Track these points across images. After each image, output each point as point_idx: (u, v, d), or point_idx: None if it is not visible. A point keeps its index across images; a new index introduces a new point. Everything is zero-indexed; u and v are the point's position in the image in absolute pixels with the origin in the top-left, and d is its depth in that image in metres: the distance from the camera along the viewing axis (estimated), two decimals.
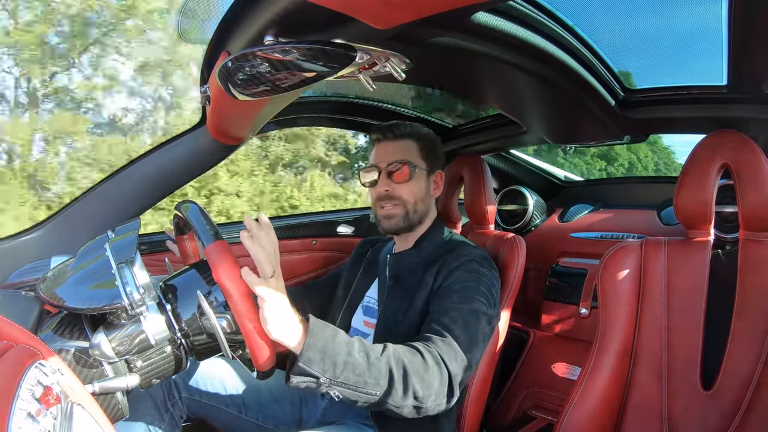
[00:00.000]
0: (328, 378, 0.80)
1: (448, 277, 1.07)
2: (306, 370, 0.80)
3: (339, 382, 0.81)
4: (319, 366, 0.80)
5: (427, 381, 0.87)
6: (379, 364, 0.84)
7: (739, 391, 0.94)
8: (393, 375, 0.84)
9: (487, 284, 1.07)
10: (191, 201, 0.95)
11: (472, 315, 1.00)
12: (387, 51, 0.77)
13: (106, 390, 0.79)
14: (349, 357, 0.82)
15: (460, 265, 1.09)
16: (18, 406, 0.48)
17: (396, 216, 1.19)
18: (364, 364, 0.83)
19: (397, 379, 0.84)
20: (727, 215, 1.08)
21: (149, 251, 1.51)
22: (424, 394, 0.86)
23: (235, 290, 0.79)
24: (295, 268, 1.79)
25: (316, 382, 0.81)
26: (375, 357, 0.84)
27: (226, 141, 1.26)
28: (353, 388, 0.82)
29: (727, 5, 0.80)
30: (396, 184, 1.19)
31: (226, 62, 0.74)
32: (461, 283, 1.05)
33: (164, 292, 0.90)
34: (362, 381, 0.82)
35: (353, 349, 0.83)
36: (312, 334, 0.81)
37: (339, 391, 0.82)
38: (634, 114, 1.23)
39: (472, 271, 1.08)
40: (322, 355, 0.80)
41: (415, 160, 1.20)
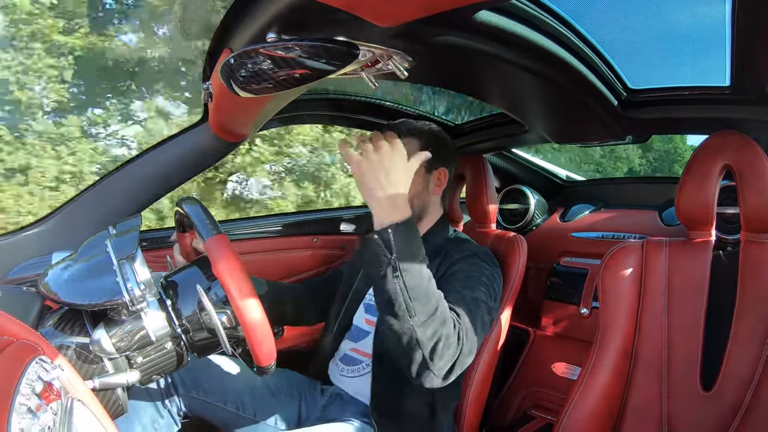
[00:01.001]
0: (397, 261, 0.82)
1: (450, 267, 1.08)
2: (390, 240, 0.82)
3: (402, 275, 0.82)
4: (401, 246, 0.83)
5: (449, 342, 0.87)
6: (433, 294, 0.86)
7: (739, 392, 0.94)
8: (436, 313, 0.85)
9: (489, 277, 1.08)
10: (192, 197, 0.95)
11: (473, 302, 1.00)
12: (389, 49, 0.77)
13: (106, 386, 0.80)
14: (421, 265, 0.85)
15: (462, 257, 1.10)
16: (18, 402, 0.48)
17: None
18: (427, 282, 0.85)
19: (435, 320, 0.85)
20: (728, 216, 1.08)
21: (150, 247, 1.51)
22: (440, 353, 0.86)
23: (234, 284, 0.79)
24: (297, 265, 1.79)
25: (387, 257, 0.83)
26: (434, 287, 0.87)
27: (228, 138, 1.26)
28: (406, 291, 0.83)
29: (730, 5, 0.80)
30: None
31: (228, 59, 0.74)
32: (463, 273, 1.06)
33: (165, 289, 0.90)
34: (415, 292, 0.83)
35: (425, 264, 0.86)
36: (410, 223, 0.86)
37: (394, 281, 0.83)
38: (637, 114, 1.22)
39: (474, 264, 1.09)
40: (408, 241, 0.84)
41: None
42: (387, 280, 0.84)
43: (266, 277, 1.37)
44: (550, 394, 1.56)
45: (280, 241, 1.79)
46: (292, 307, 1.34)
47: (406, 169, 0.89)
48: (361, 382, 1.18)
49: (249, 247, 1.70)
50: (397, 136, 1.22)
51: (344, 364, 1.23)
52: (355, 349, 1.23)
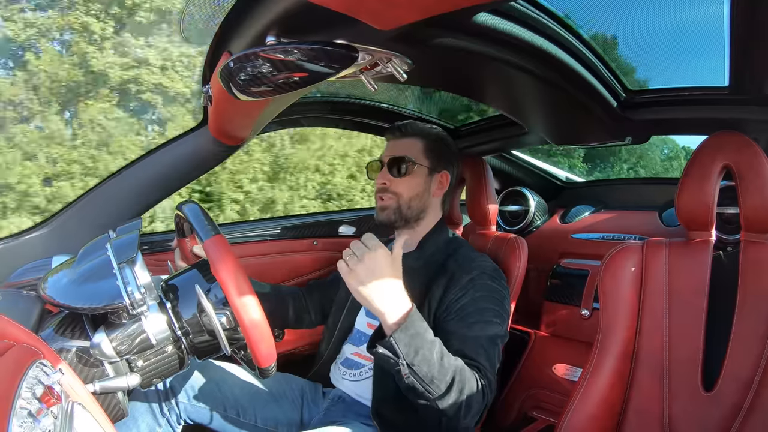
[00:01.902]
0: (407, 362, 0.86)
1: (462, 296, 1.07)
2: (393, 346, 0.86)
3: (413, 370, 0.86)
4: (404, 348, 0.86)
5: (472, 401, 0.92)
6: (447, 370, 0.89)
7: (740, 393, 0.93)
8: (453, 384, 0.89)
9: (499, 299, 1.09)
10: (191, 201, 0.95)
11: (489, 342, 1.02)
12: (389, 52, 0.78)
13: (106, 389, 0.79)
14: (429, 352, 0.88)
15: (471, 280, 1.09)
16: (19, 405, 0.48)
17: (388, 208, 1.22)
18: (437, 365, 0.88)
19: (454, 390, 0.89)
20: (728, 217, 1.08)
21: (150, 251, 1.51)
22: (465, 412, 0.91)
23: (232, 284, 0.79)
24: (297, 268, 1.79)
25: (395, 360, 0.86)
26: (447, 362, 0.90)
27: (227, 141, 1.27)
28: (420, 379, 0.87)
29: (728, 6, 0.80)
30: (394, 178, 1.21)
31: (227, 62, 0.74)
32: (476, 304, 1.06)
33: (165, 292, 0.90)
34: (429, 377, 0.87)
35: (434, 348, 0.89)
36: (411, 320, 0.88)
37: (407, 376, 0.87)
38: (636, 115, 1.23)
39: (484, 287, 1.09)
40: (410, 341, 0.87)
41: (417, 157, 1.22)
42: (402, 377, 0.87)
43: (267, 279, 1.37)
44: (551, 395, 1.56)
45: (280, 244, 1.79)
46: (292, 310, 1.34)
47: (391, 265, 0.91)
48: (363, 385, 1.18)
49: (250, 250, 1.70)
50: (400, 136, 1.24)
51: (346, 367, 1.23)
52: (356, 353, 1.22)
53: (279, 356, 0.87)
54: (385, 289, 0.89)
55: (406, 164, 1.20)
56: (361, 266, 0.89)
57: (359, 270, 0.89)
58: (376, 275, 0.88)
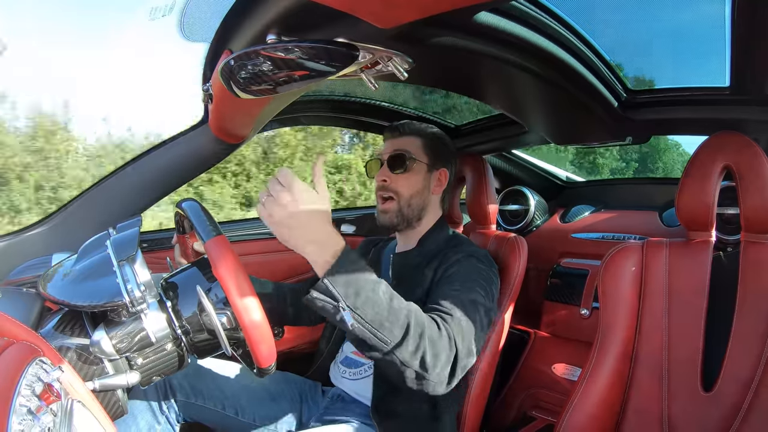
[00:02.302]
0: (348, 305, 0.78)
1: (448, 269, 1.08)
2: (329, 289, 0.78)
3: (357, 314, 0.78)
4: (342, 289, 0.78)
5: (437, 349, 0.84)
6: (399, 313, 0.82)
7: (740, 393, 0.93)
8: (409, 329, 0.81)
9: (486, 278, 1.08)
10: (191, 198, 0.95)
11: (470, 304, 0.98)
12: (389, 50, 0.77)
13: (106, 387, 0.79)
14: (373, 293, 0.80)
15: (459, 259, 1.10)
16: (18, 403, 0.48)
17: (390, 211, 1.22)
18: (386, 306, 0.81)
19: (411, 335, 0.81)
20: (728, 217, 1.08)
21: (150, 249, 1.51)
22: (432, 362, 0.83)
23: (234, 285, 0.79)
24: (297, 266, 1.78)
25: (334, 305, 0.79)
26: (397, 304, 0.83)
27: (228, 139, 1.26)
28: (369, 325, 0.79)
29: (730, 7, 0.80)
30: (393, 175, 1.22)
31: (228, 60, 0.74)
32: (460, 275, 1.06)
33: (165, 290, 0.90)
34: (378, 322, 0.80)
35: (379, 288, 0.82)
36: (344, 258, 0.80)
37: (353, 324, 0.79)
38: (637, 115, 1.23)
39: (471, 265, 1.09)
40: (347, 280, 0.79)
41: (416, 154, 1.23)
42: (345, 323, 0.80)
43: (266, 277, 1.37)
44: (551, 395, 1.56)
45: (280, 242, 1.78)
46: (292, 307, 1.34)
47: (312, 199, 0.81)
48: (362, 384, 1.18)
49: (249, 248, 1.70)
50: (399, 135, 1.23)
51: (345, 366, 1.23)
52: (356, 352, 1.22)
53: (278, 355, 0.87)
54: (309, 228, 0.80)
55: (406, 160, 1.21)
56: (278, 208, 0.79)
57: (276, 212, 0.79)
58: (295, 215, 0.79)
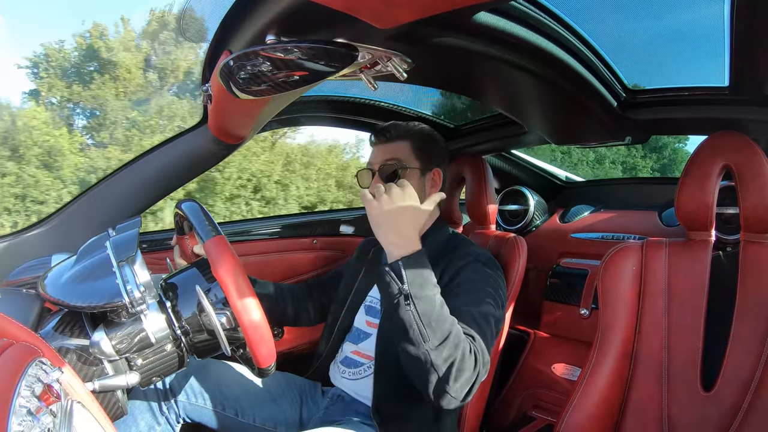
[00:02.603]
0: (411, 292, 0.85)
1: (455, 276, 1.07)
2: (401, 270, 0.85)
3: (413, 302, 0.85)
4: (411, 276, 0.86)
5: (464, 365, 0.87)
6: (445, 320, 0.87)
7: (739, 393, 0.94)
8: (449, 337, 0.86)
9: (494, 285, 1.07)
10: (191, 199, 0.95)
11: (483, 318, 0.99)
12: (388, 51, 0.77)
13: (106, 388, 0.79)
14: (432, 293, 0.87)
15: (465, 264, 1.08)
16: (18, 404, 0.48)
17: None
18: (438, 309, 0.87)
19: (449, 343, 0.86)
20: (728, 217, 1.08)
21: (150, 249, 1.51)
22: (455, 375, 0.86)
23: (233, 285, 0.79)
24: (297, 267, 1.79)
25: (398, 286, 0.85)
26: (446, 312, 0.88)
27: (227, 140, 1.26)
28: (419, 317, 0.85)
29: (729, 6, 0.80)
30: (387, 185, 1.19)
31: (227, 61, 0.74)
32: (470, 284, 1.05)
33: (165, 291, 0.90)
34: (427, 318, 0.85)
35: (438, 292, 0.89)
36: (420, 257, 0.88)
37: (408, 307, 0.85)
38: (636, 115, 1.23)
39: (479, 271, 1.08)
40: (418, 273, 0.86)
41: (408, 160, 1.19)
42: (400, 308, 0.86)
43: (266, 278, 1.37)
44: (550, 395, 1.56)
45: (279, 243, 1.79)
46: (291, 308, 1.34)
47: (415, 210, 0.91)
48: (362, 384, 1.18)
49: (249, 249, 1.70)
50: (386, 141, 1.22)
51: (345, 366, 1.23)
52: (356, 352, 1.22)
53: (278, 355, 0.87)
54: (402, 224, 0.89)
55: (398, 169, 1.18)
56: (385, 197, 0.90)
57: (383, 201, 0.90)
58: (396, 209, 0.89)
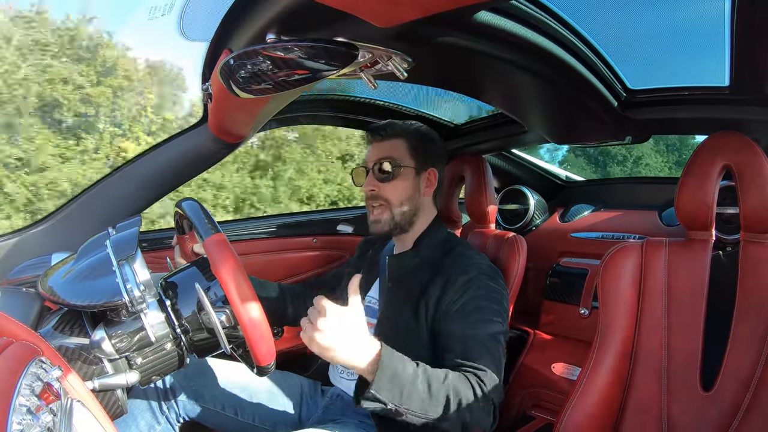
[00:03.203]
0: (395, 405, 0.86)
1: (461, 295, 1.06)
2: (376, 397, 0.86)
3: (404, 408, 0.87)
4: (387, 394, 0.86)
5: (476, 409, 0.93)
6: (438, 395, 0.89)
7: (739, 393, 0.94)
8: (449, 403, 0.90)
9: (498, 299, 1.08)
10: (191, 198, 0.95)
11: (491, 340, 1.01)
12: (389, 50, 0.77)
13: (105, 387, 0.80)
14: (413, 387, 0.88)
15: (469, 281, 1.07)
16: (18, 402, 0.48)
17: (381, 221, 1.19)
18: (426, 394, 0.89)
19: (452, 408, 0.90)
20: (728, 217, 1.08)
21: (150, 248, 1.51)
22: (472, 420, 0.93)
23: (233, 283, 0.79)
24: (296, 266, 1.79)
25: (383, 407, 0.87)
26: (436, 387, 0.90)
27: (227, 139, 1.26)
28: (414, 413, 0.88)
29: (729, 6, 0.80)
30: (381, 184, 1.19)
31: (227, 60, 0.74)
32: (475, 303, 1.05)
33: (164, 289, 0.90)
34: (423, 408, 0.88)
35: (417, 380, 0.89)
36: (382, 366, 0.86)
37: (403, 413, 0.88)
38: (636, 114, 1.22)
39: (483, 287, 1.07)
40: (391, 385, 0.86)
41: (402, 159, 1.19)
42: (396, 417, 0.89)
43: (266, 277, 1.37)
44: (550, 394, 1.56)
45: (279, 242, 1.79)
46: (291, 307, 1.34)
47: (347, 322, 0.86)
48: None
49: (248, 248, 1.70)
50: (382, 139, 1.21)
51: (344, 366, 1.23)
52: None
53: (278, 354, 0.87)
54: (348, 347, 0.86)
55: (393, 168, 1.18)
56: (318, 334, 0.85)
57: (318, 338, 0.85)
58: (334, 338, 0.84)
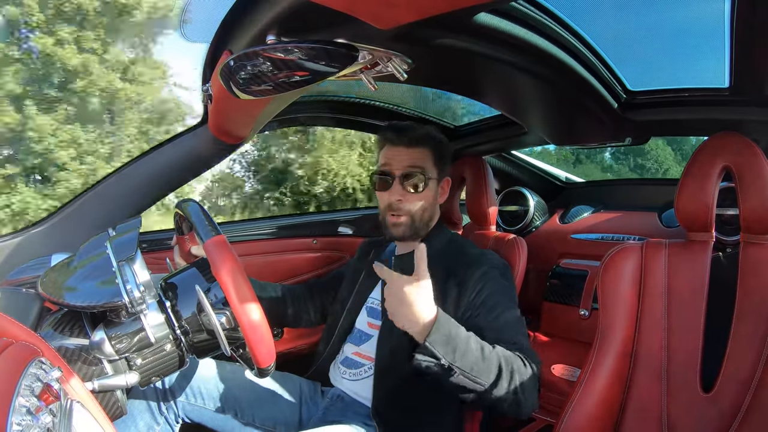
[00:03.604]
0: (449, 361, 0.86)
1: (480, 290, 1.09)
2: (431, 350, 0.86)
3: (456, 366, 0.87)
4: (442, 348, 0.86)
5: (526, 381, 0.93)
6: (491, 357, 0.91)
7: (739, 394, 0.94)
8: (502, 369, 0.91)
9: (512, 296, 1.13)
10: (191, 199, 0.95)
11: (518, 323, 1.07)
12: (389, 51, 0.78)
13: (105, 388, 0.80)
14: (467, 346, 0.89)
15: (484, 273, 1.11)
16: (18, 403, 0.48)
17: (402, 225, 1.19)
18: (479, 355, 0.89)
19: (504, 374, 0.91)
20: (728, 218, 1.08)
21: (150, 249, 1.51)
22: (523, 390, 0.93)
23: (233, 285, 0.79)
24: (296, 267, 1.79)
25: (437, 363, 0.87)
26: (488, 351, 0.91)
27: (227, 140, 1.26)
28: (467, 374, 0.88)
29: (729, 7, 0.80)
30: (409, 194, 1.18)
31: (228, 61, 0.74)
32: (495, 297, 1.09)
33: (164, 290, 0.90)
34: (476, 369, 0.88)
35: (471, 340, 0.90)
36: (439, 322, 0.88)
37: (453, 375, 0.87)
38: (636, 116, 1.23)
39: (497, 283, 1.12)
40: (446, 340, 0.87)
41: (429, 170, 1.19)
42: (449, 377, 0.88)
43: (266, 278, 1.37)
44: (550, 395, 1.56)
45: (279, 243, 1.79)
46: (291, 308, 1.34)
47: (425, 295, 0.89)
48: (362, 384, 1.18)
49: (248, 249, 1.70)
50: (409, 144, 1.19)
51: (345, 367, 1.23)
52: (357, 353, 1.22)
53: (278, 355, 0.87)
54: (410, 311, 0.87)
55: (425, 179, 1.18)
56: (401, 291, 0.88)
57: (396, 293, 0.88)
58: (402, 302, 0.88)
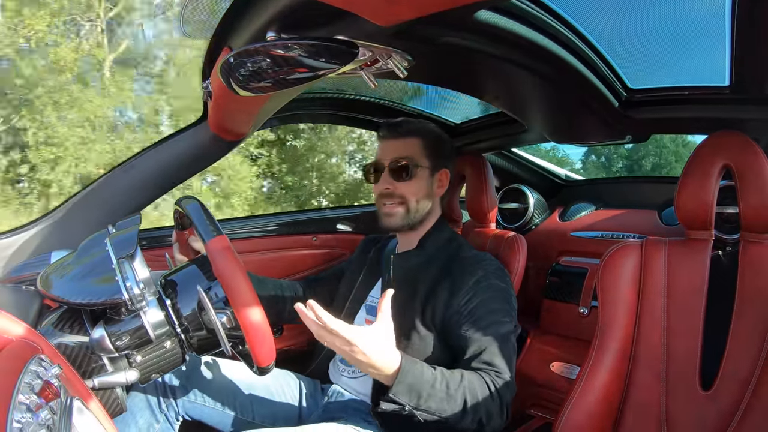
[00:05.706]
0: (412, 406, 0.90)
1: (470, 299, 1.07)
2: (394, 399, 0.89)
3: (421, 410, 0.91)
4: (406, 397, 0.89)
5: (491, 409, 0.96)
6: (456, 394, 0.92)
7: (738, 392, 0.94)
8: (467, 405, 0.93)
9: (506, 298, 1.10)
10: (192, 197, 0.95)
11: (502, 339, 1.03)
12: (389, 48, 0.77)
13: (105, 385, 0.80)
14: (432, 389, 0.91)
15: (477, 281, 1.08)
16: (17, 400, 0.48)
17: (396, 214, 1.19)
18: (444, 396, 0.92)
19: (469, 410, 0.93)
20: (727, 216, 1.08)
21: (150, 246, 1.51)
22: (486, 421, 0.95)
23: (235, 286, 0.79)
24: (296, 264, 1.79)
25: (401, 408, 0.90)
26: (454, 387, 0.93)
27: (227, 137, 1.26)
28: (431, 413, 0.91)
29: (730, 5, 0.80)
30: (398, 183, 1.18)
31: (227, 58, 0.74)
32: (486, 306, 1.06)
33: (164, 288, 0.90)
34: (441, 409, 0.91)
35: (436, 382, 0.92)
36: (403, 371, 0.90)
37: (419, 414, 0.91)
38: (636, 114, 1.22)
39: (491, 288, 1.08)
40: (410, 389, 0.90)
41: (419, 159, 1.19)
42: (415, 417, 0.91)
43: (266, 275, 1.37)
44: (549, 393, 1.56)
45: (279, 240, 1.79)
46: (291, 305, 1.34)
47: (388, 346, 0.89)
48: (362, 382, 1.18)
49: (248, 246, 1.70)
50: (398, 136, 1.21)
51: (344, 364, 1.23)
52: None
53: (278, 352, 0.87)
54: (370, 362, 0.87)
55: (410, 168, 1.17)
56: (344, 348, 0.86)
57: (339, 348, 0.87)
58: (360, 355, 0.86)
